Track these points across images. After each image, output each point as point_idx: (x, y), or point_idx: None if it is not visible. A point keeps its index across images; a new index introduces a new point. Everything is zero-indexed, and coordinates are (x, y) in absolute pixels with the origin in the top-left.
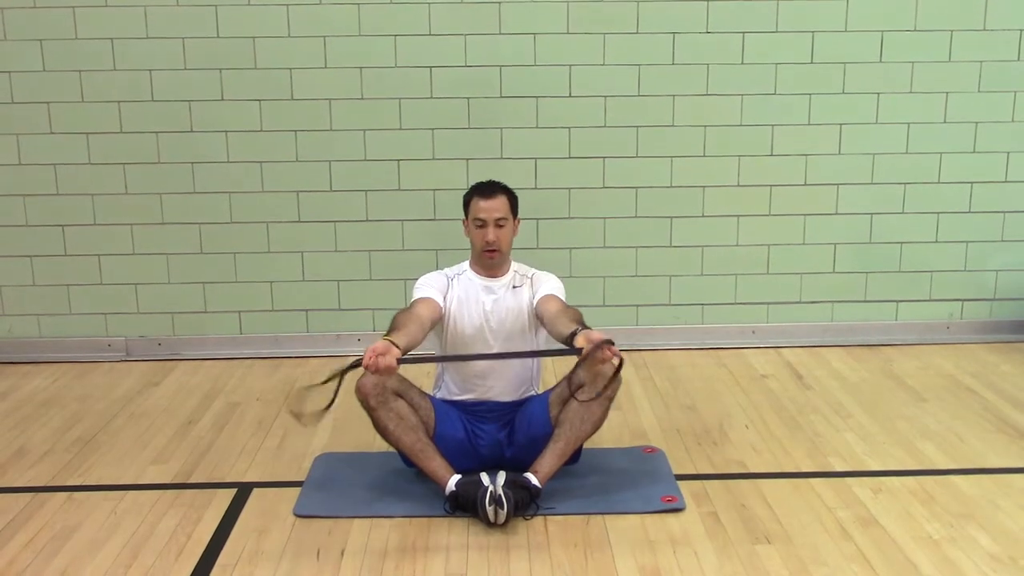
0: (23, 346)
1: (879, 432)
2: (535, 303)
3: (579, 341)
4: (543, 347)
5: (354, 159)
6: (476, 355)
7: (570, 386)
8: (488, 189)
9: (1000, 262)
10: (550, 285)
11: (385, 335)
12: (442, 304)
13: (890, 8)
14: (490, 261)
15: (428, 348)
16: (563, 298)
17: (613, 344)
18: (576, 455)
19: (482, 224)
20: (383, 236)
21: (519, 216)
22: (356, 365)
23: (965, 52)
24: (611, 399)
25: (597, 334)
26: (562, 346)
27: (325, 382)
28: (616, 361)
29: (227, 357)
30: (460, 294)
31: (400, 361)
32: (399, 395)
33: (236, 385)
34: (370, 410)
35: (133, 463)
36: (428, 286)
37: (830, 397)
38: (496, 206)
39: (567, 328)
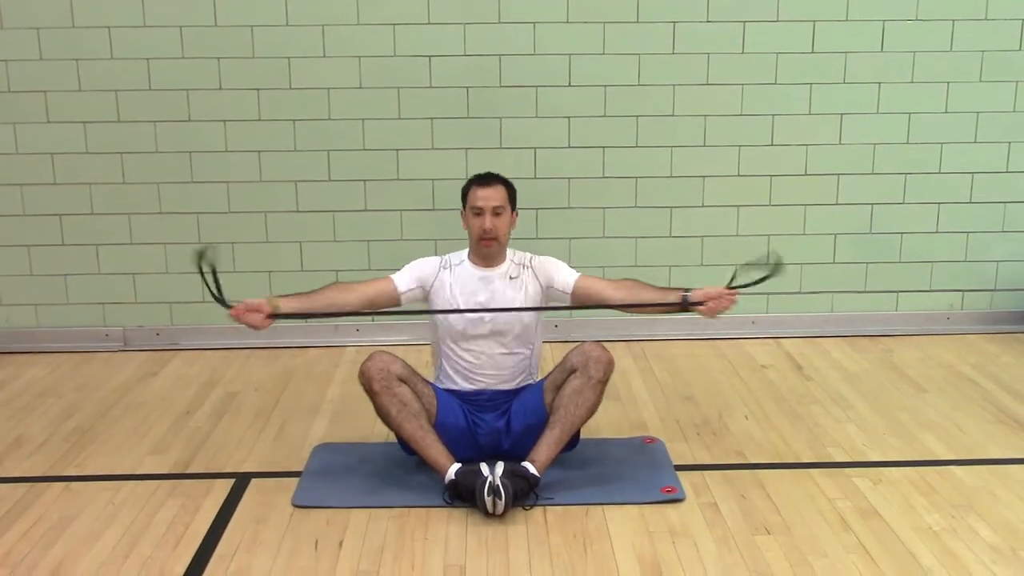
0: (21, 336)
1: (879, 423)
2: (570, 291)
3: (696, 295)
4: (541, 335)
5: (353, 148)
6: (481, 309)
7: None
8: (486, 178)
9: (1001, 252)
10: (565, 269)
11: (296, 292)
12: (403, 293)
13: None
14: (487, 250)
15: (423, 337)
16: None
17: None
18: (574, 441)
19: (479, 212)
20: (382, 226)
21: (517, 210)
22: (224, 303)
23: (966, 42)
24: (604, 383)
25: (713, 289)
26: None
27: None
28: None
29: (225, 347)
30: (455, 284)
31: (278, 317)
32: (403, 381)
33: (234, 375)
34: (373, 395)
35: (131, 453)
36: (406, 272)
37: (830, 388)
38: (493, 195)
39: (662, 296)
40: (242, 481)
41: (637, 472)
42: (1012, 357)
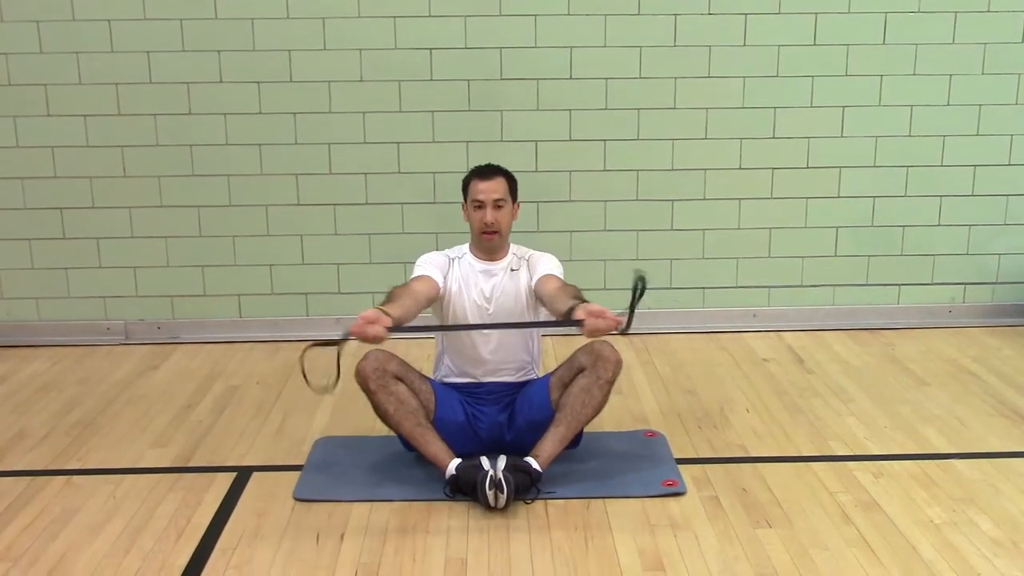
0: (22, 330)
1: (880, 416)
2: (534, 283)
3: (579, 314)
4: (541, 330)
5: (353, 142)
6: (474, 325)
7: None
8: (486, 171)
9: (1003, 246)
10: (547, 265)
11: (378, 305)
12: (441, 283)
13: None
14: (488, 243)
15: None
16: (561, 276)
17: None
18: (577, 439)
19: (480, 205)
20: (383, 219)
21: (519, 201)
22: (348, 337)
23: (969, 34)
24: (611, 383)
25: (596, 306)
26: (561, 321)
27: (322, 344)
28: (615, 326)
29: (226, 341)
30: (460, 277)
31: (391, 330)
32: (399, 378)
33: (235, 369)
34: (370, 393)
35: (132, 447)
36: (428, 264)
37: (831, 381)
38: (494, 187)
39: (565, 304)
40: (243, 475)
41: (638, 465)
42: (1013, 350)
